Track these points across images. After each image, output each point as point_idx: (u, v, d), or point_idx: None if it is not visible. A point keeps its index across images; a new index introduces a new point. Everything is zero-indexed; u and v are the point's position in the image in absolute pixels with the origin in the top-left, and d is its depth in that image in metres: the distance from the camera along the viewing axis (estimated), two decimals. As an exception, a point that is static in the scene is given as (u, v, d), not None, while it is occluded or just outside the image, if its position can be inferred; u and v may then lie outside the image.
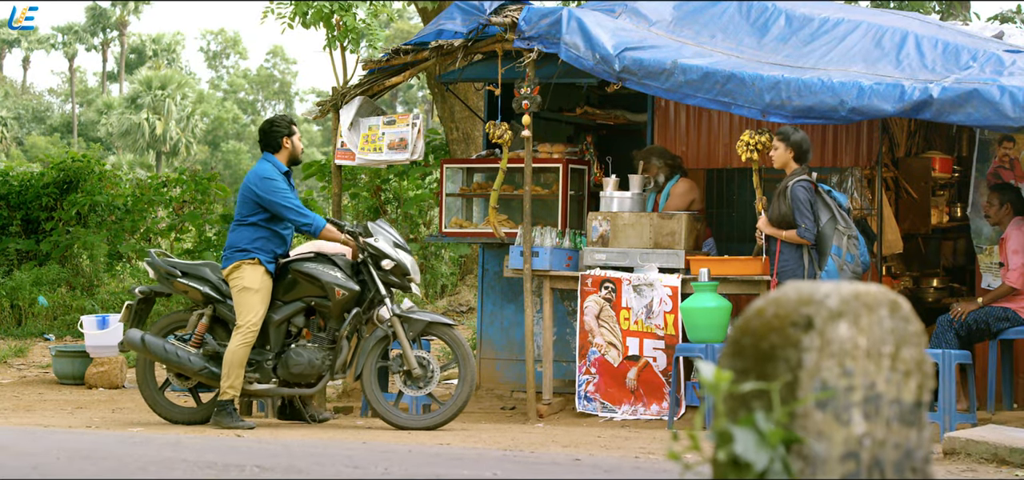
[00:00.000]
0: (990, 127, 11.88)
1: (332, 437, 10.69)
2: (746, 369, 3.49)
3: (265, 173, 11.86)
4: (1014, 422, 11.96)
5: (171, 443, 9.00)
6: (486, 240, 14.50)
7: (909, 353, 3.60)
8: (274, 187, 11.79)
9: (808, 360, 3.43)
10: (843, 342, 3.48)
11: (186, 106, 72.50)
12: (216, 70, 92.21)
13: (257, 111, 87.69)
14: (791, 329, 3.45)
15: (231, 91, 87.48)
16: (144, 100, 71.65)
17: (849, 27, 13.10)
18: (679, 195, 13.58)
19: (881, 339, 3.56)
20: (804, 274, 11.96)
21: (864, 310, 3.53)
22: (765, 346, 3.47)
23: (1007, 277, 12.35)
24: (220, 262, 12.16)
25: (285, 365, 11.79)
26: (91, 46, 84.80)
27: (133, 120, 70.97)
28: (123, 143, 71.61)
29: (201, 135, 74.24)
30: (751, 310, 3.62)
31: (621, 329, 13.10)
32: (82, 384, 16.09)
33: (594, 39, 12.89)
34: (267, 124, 12.23)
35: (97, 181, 22.99)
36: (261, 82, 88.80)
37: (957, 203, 14.97)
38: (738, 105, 12.39)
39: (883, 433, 3.55)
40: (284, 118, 12.31)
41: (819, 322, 3.45)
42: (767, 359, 3.46)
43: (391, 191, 22.51)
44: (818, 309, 3.46)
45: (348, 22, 13.67)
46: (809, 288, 3.54)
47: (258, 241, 11.81)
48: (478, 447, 10.11)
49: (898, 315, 3.62)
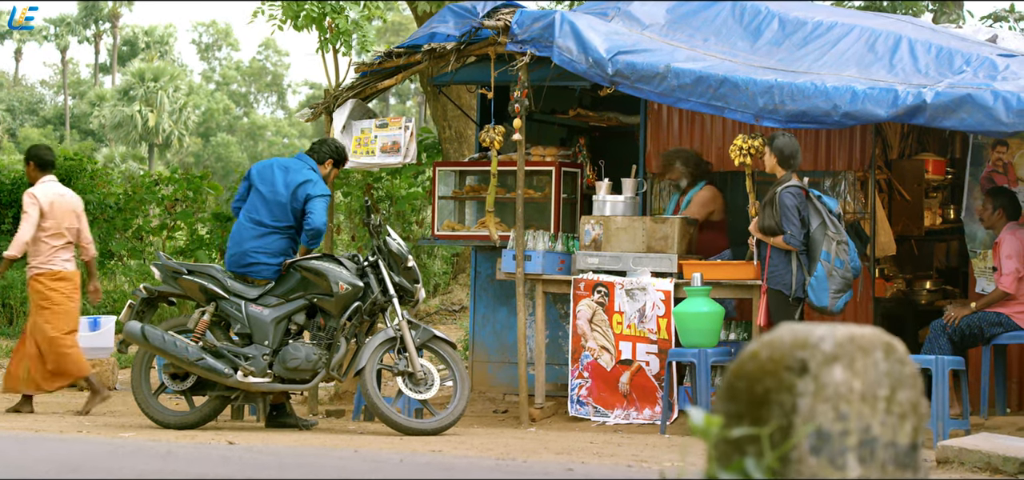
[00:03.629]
0: (984, 132, 11.87)
1: (323, 443, 10.65)
2: (740, 414, 3.46)
3: (325, 192, 12.16)
4: (1007, 427, 11.96)
5: (161, 454, 8.95)
6: (479, 243, 14.48)
7: (904, 395, 3.58)
8: (326, 206, 12.20)
9: (802, 405, 3.40)
10: (838, 386, 3.45)
11: (179, 98, 72.39)
12: (208, 62, 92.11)
13: (249, 103, 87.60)
14: (785, 373, 3.43)
15: (223, 83, 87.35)
16: (137, 92, 71.55)
17: (843, 31, 13.08)
18: (699, 204, 13.55)
19: (876, 382, 3.54)
20: (793, 280, 11.95)
21: (859, 353, 3.50)
22: (759, 390, 3.44)
23: (1000, 282, 12.33)
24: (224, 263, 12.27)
25: (282, 361, 11.79)
26: (83, 38, 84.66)
27: (126, 112, 70.86)
28: (116, 135, 71.53)
29: (193, 127, 74.14)
30: (745, 353, 3.59)
31: (614, 333, 13.08)
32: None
33: (587, 43, 12.87)
34: (322, 140, 12.64)
35: (89, 179, 22.93)
36: (253, 74, 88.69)
37: (950, 205, 14.97)
38: (731, 109, 12.37)
39: (878, 477, 3.53)
40: (340, 146, 12.56)
41: (814, 366, 3.43)
42: (761, 403, 3.43)
43: (383, 189, 22.48)
44: (813, 353, 3.44)
45: (340, 24, 13.62)
46: (804, 331, 3.51)
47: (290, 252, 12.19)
48: (470, 455, 10.08)
49: (893, 357, 3.60)
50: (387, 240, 12.01)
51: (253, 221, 12.07)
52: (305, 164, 12.23)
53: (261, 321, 11.89)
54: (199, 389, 12.02)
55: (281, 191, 12.04)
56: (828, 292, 11.85)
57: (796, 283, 11.95)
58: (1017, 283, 12.32)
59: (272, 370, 11.83)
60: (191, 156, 74.94)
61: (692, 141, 14.05)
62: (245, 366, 11.77)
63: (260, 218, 12.05)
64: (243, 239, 12.08)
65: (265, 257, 12.02)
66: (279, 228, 12.03)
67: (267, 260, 12.02)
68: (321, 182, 12.16)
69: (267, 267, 12.02)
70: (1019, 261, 12.32)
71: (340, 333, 11.87)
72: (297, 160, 12.32)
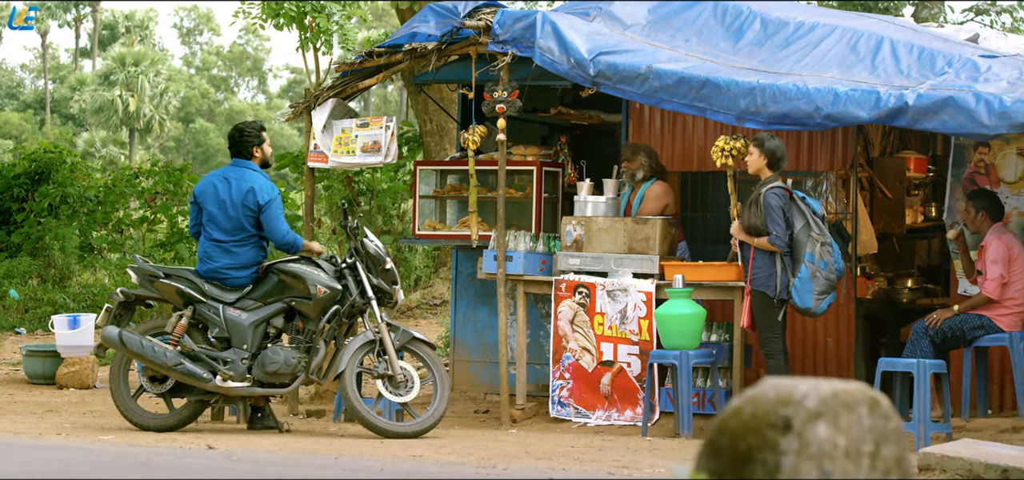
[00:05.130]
0: (966, 135, 11.86)
1: (304, 448, 10.61)
2: (722, 470, 3.42)
3: (273, 193, 11.98)
4: (988, 429, 11.97)
5: (141, 463, 8.91)
6: (460, 242, 14.43)
7: (889, 451, 3.54)
8: (280, 209, 12.02)
9: (786, 463, 3.37)
10: (822, 443, 3.42)
11: (159, 83, 72.15)
12: (189, 47, 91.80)
13: (230, 88, 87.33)
14: (769, 430, 3.39)
15: (204, 68, 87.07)
16: (117, 77, 71.29)
17: (824, 31, 13.06)
18: (653, 198, 13.50)
19: (860, 438, 3.50)
20: (777, 281, 11.94)
21: (843, 409, 3.46)
22: (742, 447, 3.41)
23: (984, 286, 12.32)
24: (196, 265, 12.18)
25: (261, 365, 11.74)
26: (64, 22, 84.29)
27: (106, 97, 70.62)
28: (96, 120, 71.29)
29: (174, 112, 73.91)
30: (728, 409, 3.55)
31: (595, 334, 13.05)
32: (53, 384, 15.97)
33: (568, 43, 12.82)
34: (236, 132, 12.20)
35: (69, 172, 22.85)
36: (234, 59, 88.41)
37: (932, 203, 14.95)
38: (713, 111, 12.35)
39: (862, 533, 3.49)
40: (253, 125, 12.27)
41: (797, 423, 3.39)
42: (744, 461, 3.39)
43: (364, 183, 22.42)
44: (796, 410, 3.40)
45: (321, 24, 13.55)
46: (788, 387, 3.47)
47: (261, 256, 12.04)
48: (450, 459, 10.04)
49: (877, 413, 3.56)
50: (364, 242, 11.97)
51: (214, 240, 12.00)
52: (244, 167, 12.10)
53: (239, 325, 11.83)
54: (179, 391, 11.96)
55: (228, 203, 11.96)
56: (812, 294, 11.83)
57: (780, 284, 11.94)
58: (1001, 288, 12.31)
59: (251, 374, 11.78)
60: (172, 141, 74.73)
61: (673, 141, 14.02)
62: (224, 370, 11.72)
63: (219, 237, 11.97)
64: (210, 257, 12.01)
65: (235, 271, 11.96)
66: (241, 239, 11.97)
67: (238, 273, 11.96)
68: (265, 181, 12.03)
69: (241, 276, 11.97)
70: (1004, 266, 12.30)
71: (319, 336, 11.82)
72: (233, 167, 12.16)
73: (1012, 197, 12.98)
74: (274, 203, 11.96)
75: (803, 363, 13.42)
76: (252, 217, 11.95)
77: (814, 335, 13.42)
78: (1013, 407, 12.64)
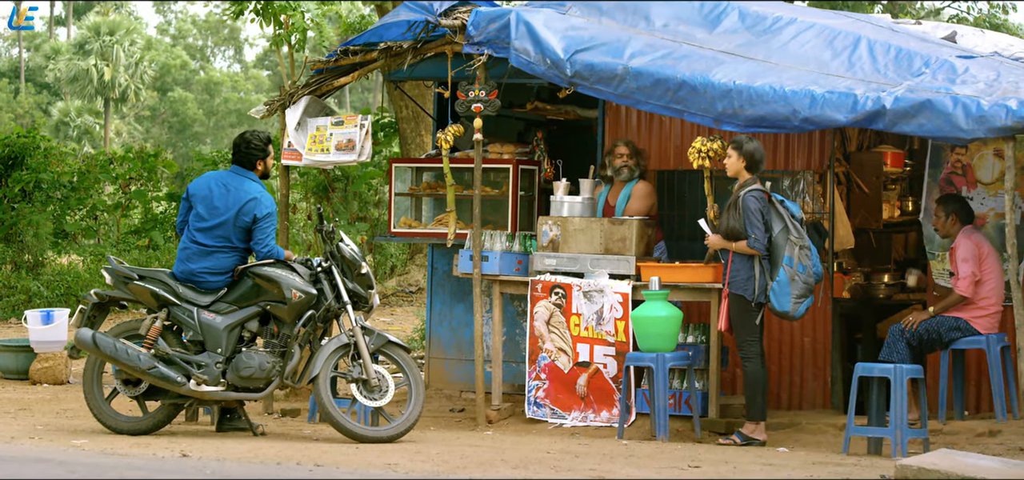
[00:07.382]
0: (943, 139, 11.84)
1: (278, 454, 10.57)
2: None
3: (272, 208, 11.93)
4: (965, 432, 11.96)
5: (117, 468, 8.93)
6: (435, 240, 14.37)
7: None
8: (275, 224, 12.04)
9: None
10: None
11: (135, 52, 71.86)
12: (164, 15, 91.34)
13: (206, 57, 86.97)
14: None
15: (179, 36, 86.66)
16: (92, 46, 71.00)
17: (801, 27, 13.04)
18: (640, 197, 13.43)
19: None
20: (755, 285, 11.91)
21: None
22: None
23: (957, 286, 12.33)
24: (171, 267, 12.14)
25: (235, 369, 11.68)
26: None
27: (81, 66, 70.35)
28: (71, 89, 71.02)
29: (150, 82, 73.62)
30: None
31: (571, 335, 13.01)
32: (26, 379, 15.88)
33: (544, 43, 12.75)
34: (243, 142, 12.15)
35: (42, 158, 22.70)
36: (211, 28, 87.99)
37: (908, 197, 14.94)
38: (691, 113, 12.34)
39: None
40: (260, 137, 12.16)
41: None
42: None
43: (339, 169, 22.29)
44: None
45: (296, 21, 13.46)
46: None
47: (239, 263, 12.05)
48: (426, 468, 10.00)
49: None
50: (340, 246, 11.91)
51: (197, 242, 11.92)
52: (244, 177, 12.03)
53: (214, 328, 11.77)
54: (153, 394, 11.90)
55: (222, 210, 11.89)
56: (790, 297, 11.81)
57: (758, 288, 11.91)
58: (974, 287, 12.31)
59: (225, 378, 11.72)
60: (147, 110, 74.47)
61: (650, 139, 13.95)
62: (198, 374, 11.66)
63: (203, 241, 11.89)
64: (189, 257, 11.93)
65: (212, 276, 11.90)
66: (224, 246, 11.90)
67: (214, 278, 11.90)
68: (266, 194, 12.01)
69: (217, 281, 11.90)
70: (975, 264, 12.31)
71: (294, 341, 11.76)
72: (233, 174, 12.08)
73: (989, 198, 12.95)
74: (271, 217, 11.93)
75: (779, 363, 13.40)
76: (245, 228, 11.87)
77: (791, 335, 13.39)
78: (989, 409, 12.65)
